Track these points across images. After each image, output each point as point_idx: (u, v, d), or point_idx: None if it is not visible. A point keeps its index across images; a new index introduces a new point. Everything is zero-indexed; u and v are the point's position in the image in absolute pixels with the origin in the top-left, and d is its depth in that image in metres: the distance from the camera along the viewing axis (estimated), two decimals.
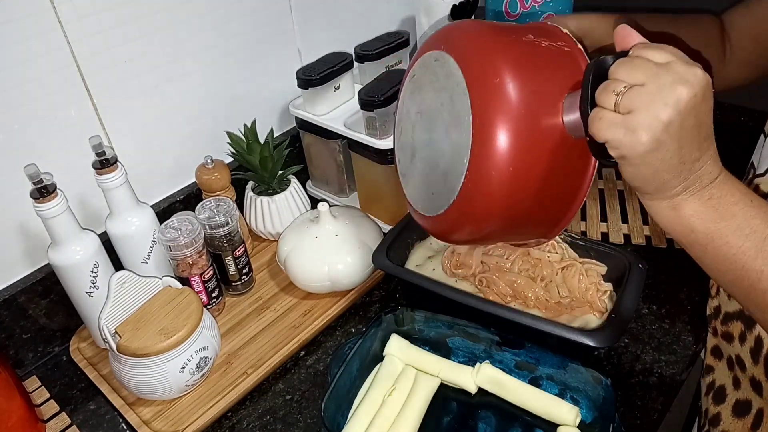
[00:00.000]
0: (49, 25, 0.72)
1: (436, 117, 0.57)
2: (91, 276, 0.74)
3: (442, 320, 0.72)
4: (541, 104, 0.50)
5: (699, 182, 0.48)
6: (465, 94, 0.52)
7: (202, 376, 0.73)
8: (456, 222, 0.56)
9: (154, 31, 0.82)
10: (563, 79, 0.51)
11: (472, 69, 0.52)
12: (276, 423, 0.71)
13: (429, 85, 0.58)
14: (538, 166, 0.51)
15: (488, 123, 0.50)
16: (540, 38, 0.53)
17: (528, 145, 0.50)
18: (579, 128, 0.49)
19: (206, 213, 0.81)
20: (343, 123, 0.92)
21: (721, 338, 0.70)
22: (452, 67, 0.53)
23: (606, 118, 0.45)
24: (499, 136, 0.49)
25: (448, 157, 0.55)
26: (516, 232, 0.59)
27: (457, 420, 0.67)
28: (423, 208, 0.61)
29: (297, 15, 0.99)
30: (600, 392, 0.64)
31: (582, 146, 0.50)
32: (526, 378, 0.69)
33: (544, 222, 0.58)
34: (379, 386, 0.68)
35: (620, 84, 0.45)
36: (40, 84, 0.73)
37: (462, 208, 0.54)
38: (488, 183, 0.51)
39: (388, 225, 0.94)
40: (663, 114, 0.43)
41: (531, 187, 0.52)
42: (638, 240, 0.89)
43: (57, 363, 0.82)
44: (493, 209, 0.52)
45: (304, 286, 0.84)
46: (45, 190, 0.67)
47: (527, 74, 0.50)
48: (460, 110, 0.52)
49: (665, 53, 0.45)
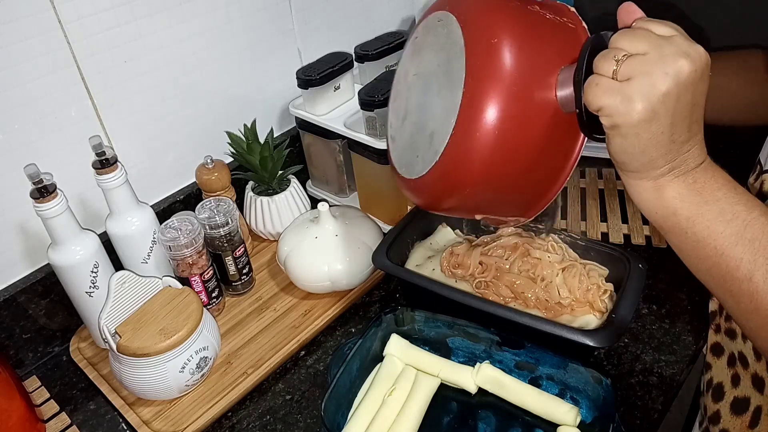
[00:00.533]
0: (49, 24, 0.72)
1: (432, 78, 0.55)
2: (91, 276, 0.74)
3: (442, 320, 0.72)
4: (535, 72, 0.49)
5: (684, 165, 0.48)
6: (462, 53, 0.50)
7: (202, 376, 0.73)
8: (435, 185, 0.54)
9: (154, 31, 0.82)
10: (562, 51, 0.50)
11: (472, 28, 0.51)
12: (276, 423, 0.71)
13: (429, 47, 0.57)
14: (524, 135, 0.50)
15: (480, 83, 0.49)
16: (545, 10, 0.52)
17: (517, 111, 0.49)
18: (571, 101, 0.48)
19: (206, 213, 0.81)
20: (343, 123, 0.92)
21: (724, 335, 0.70)
22: (453, 26, 0.52)
23: (602, 84, 0.45)
24: (489, 98, 0.48)
25: (438, 119, 0.53)
26: (495, 204, 0.57)
27: (457, 420, 0.67)
28: (406, 172, 0.59)
29: (297, 15, 0.99)
30: (600, 392, 0.64)
31: (571, 124, 0.50)
32: (526, 378, 0.69)
33: (524, 197, 0.56)
34: (379, 386, 0.68)
35: (620, 52, 0.45)
36: (40, 84, 0.73)
37: (443, 169, 0.52)
38: (471, 145, 0.49)
39: (388, 225, 0.94)
40: (662, 84, 0.43)
41: (514, 157, 0.50)
42: (638, 240, 0.89)
43: (57, 363, 0.82)
44: (473, 173, 0.51)
45: (304, 286, 0.84)
46: (45, 190, 0.67)
47: (526, 40, 0.49)
48: (455, 70, 0.51)
49: (669, 27, 0.45)
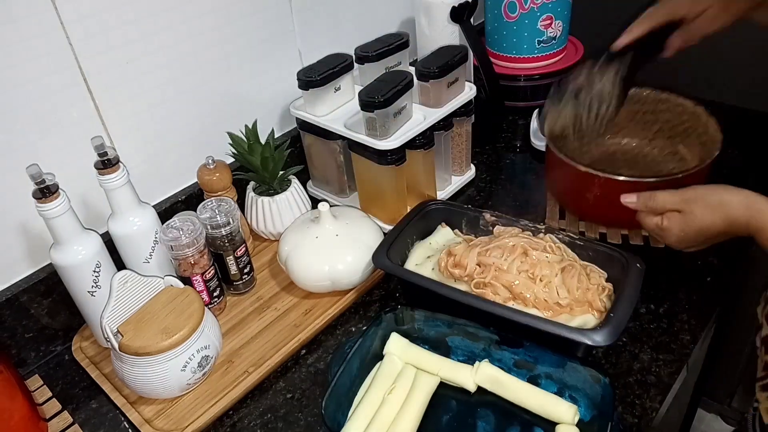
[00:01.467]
0: (50, 25, 0.72)
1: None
2: (93, 275, 0.74)
3: (441, 319, 0.73)
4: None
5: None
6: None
7: (203, 374, 0.74)
8: None
9: (156, 32, 0.82)
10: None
11: None
12: (277, 421, 0.71)
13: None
14: None
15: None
16: None
17: None
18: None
19: (208, 213, 0.82)
20: (344, 124, 0.92)
21: None
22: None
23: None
24: None
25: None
26: None
27: (457, 418, 0.68)
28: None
29: (297, 16, 1.00)
30: (598, 391, 0.65)
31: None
32: (524, 377, 0.69)
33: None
34: (380, 385, 0.69)
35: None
36: (42, 84, 0.74)
37: None
38: None
39: (388, 225, 0.94)
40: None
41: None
42: (636, 240, 0.89)
43: (59, 362, 0.82)
44: None
45: (305, 285, 0.84)
46: (47, 190, 0.68)
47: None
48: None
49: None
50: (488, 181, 1.08)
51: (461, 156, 1.05)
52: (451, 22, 1.04)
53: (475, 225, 0.87)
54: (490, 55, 1.19)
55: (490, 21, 1.23)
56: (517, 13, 1.16)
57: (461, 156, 1.05)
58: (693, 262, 0.85)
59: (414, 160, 0.93)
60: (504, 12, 1.18)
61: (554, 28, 1.18)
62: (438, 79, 0.92)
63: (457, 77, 0.96)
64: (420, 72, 0.92)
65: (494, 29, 1.22)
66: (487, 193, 1.05)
